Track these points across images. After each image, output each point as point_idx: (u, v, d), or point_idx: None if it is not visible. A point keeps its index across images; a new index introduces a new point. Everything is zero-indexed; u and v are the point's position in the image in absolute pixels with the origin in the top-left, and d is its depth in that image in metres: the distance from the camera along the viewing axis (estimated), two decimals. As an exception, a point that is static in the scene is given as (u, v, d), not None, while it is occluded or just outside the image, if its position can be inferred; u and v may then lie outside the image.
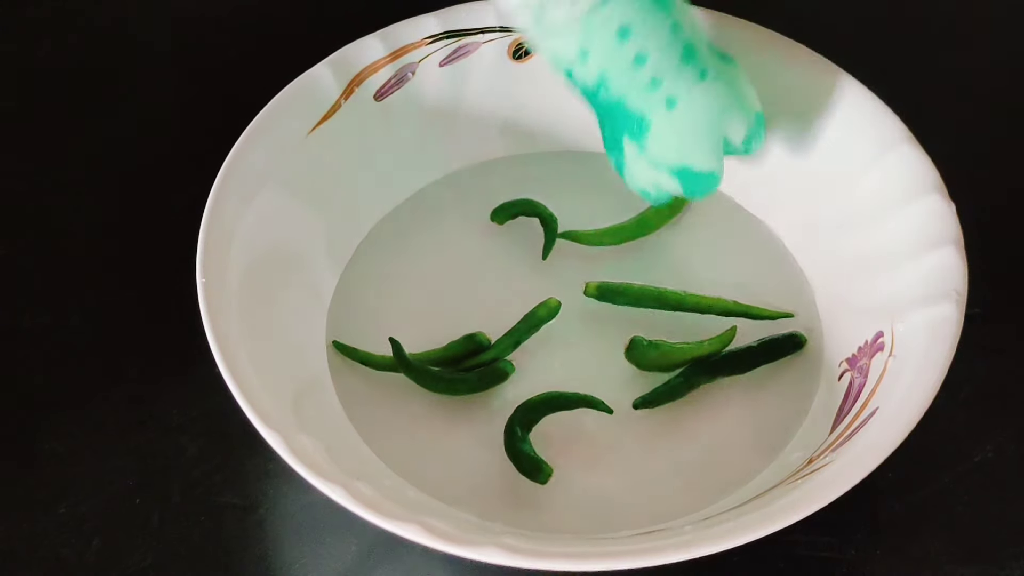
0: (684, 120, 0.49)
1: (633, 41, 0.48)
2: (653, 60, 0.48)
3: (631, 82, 0.49)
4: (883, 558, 0.50)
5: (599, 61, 0.48)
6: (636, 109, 0.49)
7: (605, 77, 0.49)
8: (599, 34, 0.48)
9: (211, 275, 0.49)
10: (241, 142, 0.52)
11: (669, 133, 0.49)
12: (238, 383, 0.45)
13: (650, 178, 0.51)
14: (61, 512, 0.50)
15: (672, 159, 0.50)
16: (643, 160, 0.51)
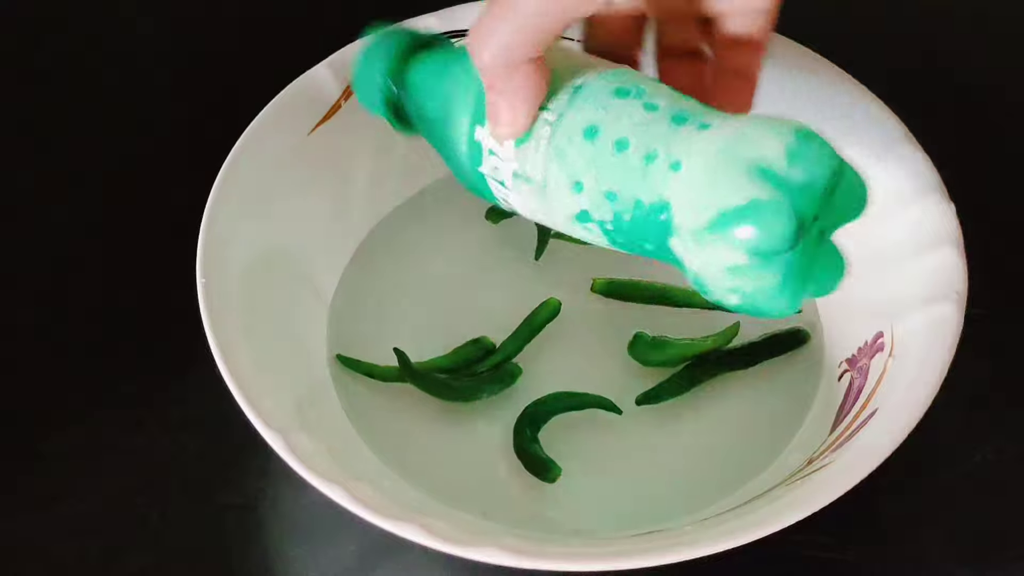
0: (696, 173, 0.40)
1: (604, 133, 0.41)
2: (634, 139, 0.41)
3: (630, 176, 0.41)
4: (883, 558, 0.50)
5: (591, 178, 0.41)
6: (651, 199, 0.40)
7: (610, 191, 0.41)
8: (571, 150, 0.42)
9: (211, 275, 0.49)
10: (241, 142, 0.52)
11: (688, 196, 0.40)
12: (238, 383, 0.45)
13: (711, 258, 0.39)
14: (61, 512, 0.50)
15: (704, 215, 0.39)
16: (688, 240, 0.40)
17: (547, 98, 0.42)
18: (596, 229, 0.43)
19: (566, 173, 0.42)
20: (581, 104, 0.42)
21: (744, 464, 0.50)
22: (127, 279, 0.57)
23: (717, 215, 0.39)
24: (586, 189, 0.42)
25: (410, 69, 0.47)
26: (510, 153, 0.43)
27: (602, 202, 0.42)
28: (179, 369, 0.53)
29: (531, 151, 0.43)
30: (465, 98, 0.44)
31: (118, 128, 0.63)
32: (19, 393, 0.54)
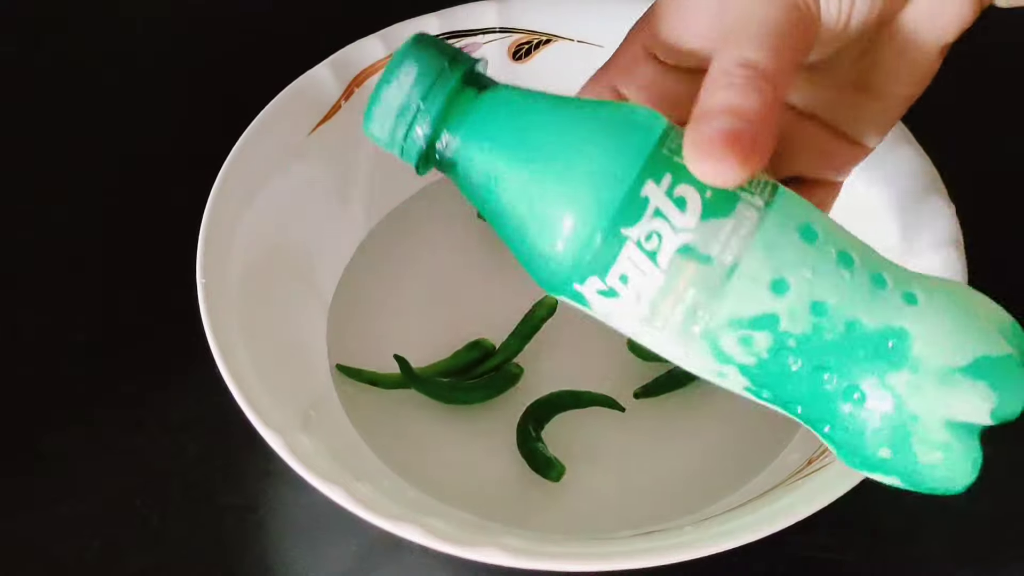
0: (943, 311, 0.37)
1: (823, 239, 0.36)
2: (857, 257, 0.37)
3: (852, 290, 0.36)
4: (883, 558, 0.50)
5: (805, 282, 0.36)
6: (877, 325, 0.36)
7: (819, 302, 0.36)
8: (786, 242, 0.36)
9: (211, 275, 0.49)
10: (241, 142, 0.52)
11: (938, 331, 0.36)
12: (238, 383, 0.46)
13: (947, 407, 0.37)
14: (61, 513, 0.50)
15: (967, 357, 0.36)
16: (934, 381, 0.36)
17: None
18: (749, 360, 0.36)
19: (771, 267, 0.35)
20: (785, 202, 0.36)
21: (744, 464, 0.50)
22: (127, 279, 0.57)
23: (974, 360, 0.36)
24: (791, 290, 0.35)
25: (477, 111, 0.37)
26: (692, 222, 0.35)
27: (804, 311, 0.35)
28: (179, 369, 0.53)
29: (726, 230, 0.35)
30: (629, 150, 0.35)
31: (118, 128, 0.63)
32: (19, 393, 0.54)
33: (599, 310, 0.37)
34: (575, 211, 0.35)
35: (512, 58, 0.58)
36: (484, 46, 0.57)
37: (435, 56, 0.37)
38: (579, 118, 0.36)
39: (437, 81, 0.36)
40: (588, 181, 0.35)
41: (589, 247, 0.35)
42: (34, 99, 0.64)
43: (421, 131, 0.37)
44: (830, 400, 0.37)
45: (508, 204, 0.37)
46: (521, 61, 0.58)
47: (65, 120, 0.64)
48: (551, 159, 0.36)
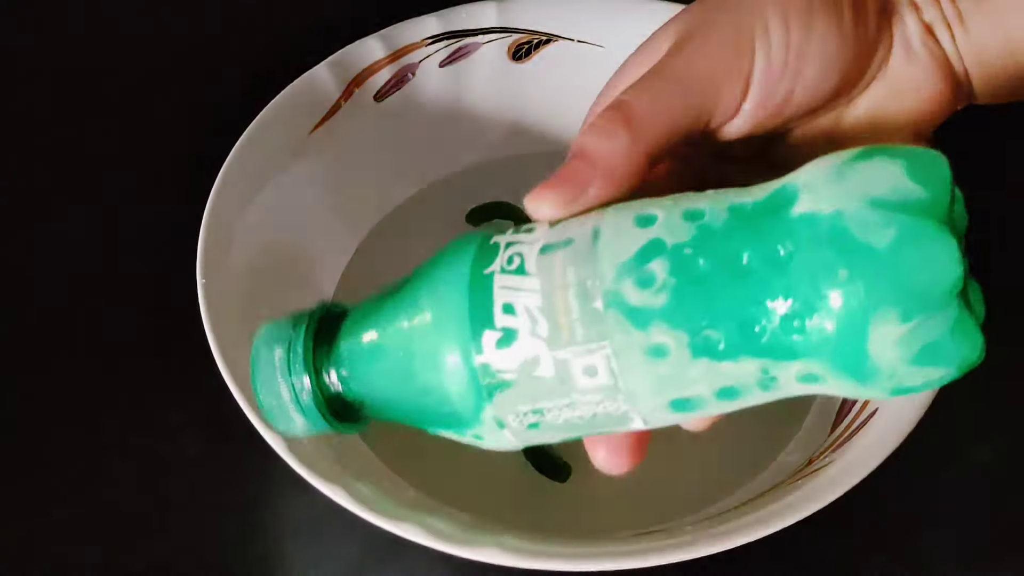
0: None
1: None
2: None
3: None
4: (883, 558, 0.50)
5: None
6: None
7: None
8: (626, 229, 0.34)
9: (211, 275, 0.49)
10: (241, 142, 0.52)
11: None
12: (238, 383, 0.45)
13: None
14: (61, 513, 0.50)
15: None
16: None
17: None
18: (662, 296, 0.33)
19: (629, 214, 0.35)
20: (616, 211, 0.35)
21: (744, 464, 0.50)
22: (127, 279, 0.57)
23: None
24: (659, 214, 0.34)
25: (340, 346, 0.37)
26: (542, 231, 0.36)
27: (680, 221, 0.34)
28: (179, 369, 0.53)
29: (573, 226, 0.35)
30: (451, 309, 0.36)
31: (119, 128, 0.63)
32: (19, 393, 0.54)
33: (522, 399, 0.35)
34: (447, 368, 0.35)
35: (512, 58, 0.58)
36: (484, 46, 0.57)
37: (282, 333, 0.38)
38: (404, 308, 0.38)
39: (290, 355, 0.37)
40: (440, 340, 0.35)
41: (477, 363, 0.35)
42: (34, 99, 0.65)
43: (307, 397, 0.37)
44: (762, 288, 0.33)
45: (401, 394, 0.36)
46: (521, 61, 0.58)
47: (65, 120, 0.64)
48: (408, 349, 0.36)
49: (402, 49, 0.56)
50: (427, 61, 0.57)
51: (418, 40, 0.57)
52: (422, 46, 0.57)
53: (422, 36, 0.57)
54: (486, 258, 0.36)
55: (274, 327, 0.38)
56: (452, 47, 0.57)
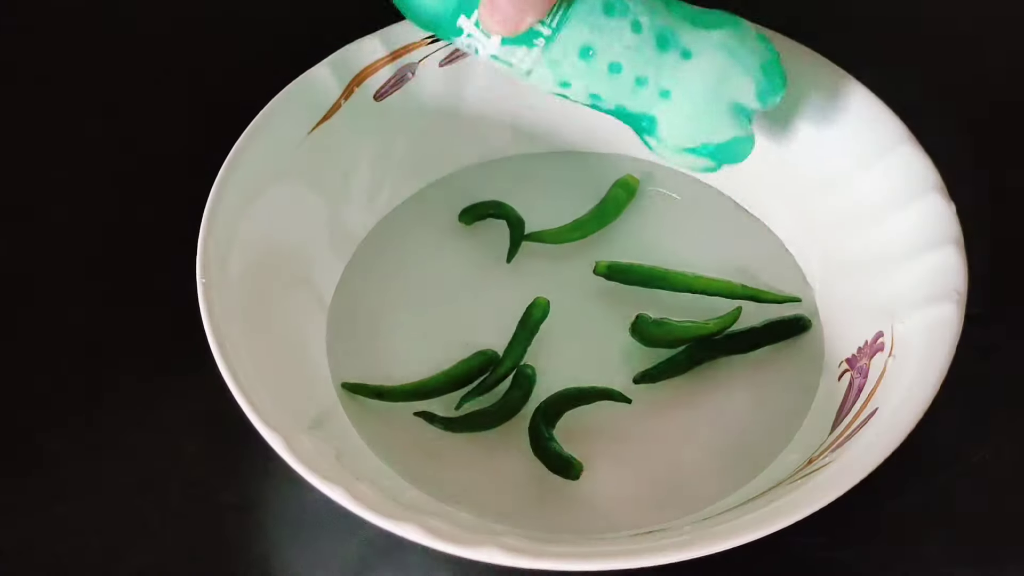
0: (684, 105, 0.49)
1: (599, 56, 0.48)
2: (627, 64, 0.49)
3: (619, 90, 0.49)
4: (883, 558, 0.50)
5: (580, 84, 0.49)
6: (637, 110, 0.50)
7: (594, 94, 0.50)
8: (565, 63, 0.48)
9: (211, 275, 0.49)
10: (241, 142, 0.52)
11: (676, 122, 0.50)
12: (238, 383, 0.45)
13: (683, 161, 0.51)
14: (60, 512, 0.50)
15: (690, 142, 0.50)
16: (668, 148, 0.51)
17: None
18: (577, 97, 0.50)
19: (555, 75, 0.49)
20: (576, 23, 0.47)
21: (744, 464, 0.50)
22: (127, 279, 0.57)
23: (700, 145, 0.50)
24: (573, 88, 0.49)
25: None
26: (495, 44, 0.48)
27: (586, 98, 0.50)
28: (179, 369, 0.53)
29: (521, 52, 0.48)
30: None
31: (119, 128, 0.63)
32: (19, 393, 0.54)
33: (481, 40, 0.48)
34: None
35: (512, 58, 0.58)
36: (484, 46, 0.57)
37: None
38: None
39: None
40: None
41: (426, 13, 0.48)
42: (34, 99, 0.64)
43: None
44: (623, 119, 0.50)
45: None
46: (521, 61, 0.58)
47: (64, 120, 0.63)
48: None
49: (402, 48, 0.56)
50: (427, 60, 0.57)
51: (418, 39, 0.56)
52: (422, 45, 0.57)
53: (422, 35, 0.56)
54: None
55: None
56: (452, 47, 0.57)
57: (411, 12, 0.49)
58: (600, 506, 0.50)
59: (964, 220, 0.50)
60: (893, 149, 0.53)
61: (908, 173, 0.52)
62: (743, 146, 0.51)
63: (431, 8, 0.48)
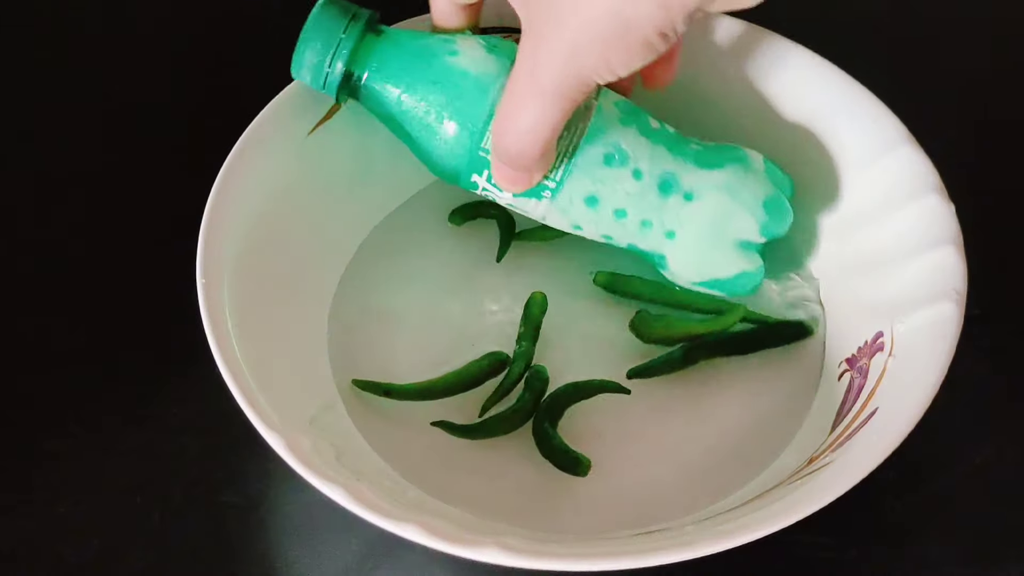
0: (689, 244, 0.51)
1: (604, 203, 0.50)
2: (631, 209, 0.50)
3: (627, 232, 0.51)
4: (883, 558, 0.50)
5: (591, 227, 0.51)
6: (647, 249, 0.52)
7: (605, 235, 0.52)
8: (573, 210, 0.50)
9: (211, 275, 0.49)
10: (241, 142, 0.52)
11: (683, 259, 0.52)
12: (238, 383, 0.45)
13: (698, 290, 0.53)
14: (61, 512, 0.50)
15: (698, 277, 0.52)
16: (680, 281, 0.53)
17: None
18: (591, 236, 0.52)
19: (567, 220, 0.51)
20: (578, 175, 0.49)
21: (744, 464, 0.50)
22: (127, 279, 0.57)
23: (710, 280, 0.52)
24: (585, 231, 0.52)
25: (377, 50, 0.50)
26: (508, 196, 0.50)
27: (599, 238, 0.52)
28: (179, 369, 0.53)
29: (532, 203, 0.51)
30: (470, 113, 0.49)
31: (118, 128, 0.63)
32: (19, 393, 0.54)
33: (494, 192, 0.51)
34: (431, 144, 0.50)
35: (512, 58, 0.58)
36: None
37: (343, 10, 0.50)
38: (436, 70, 0.49)
39: (348, 28, 0.49)
40: (440, 130, 0.50)
41: (443, 167, 0.51)
42: (34, 99, 0.64)
43: (340, 65, 0.50)
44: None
45: (406, 118, 0.50)
46: (521, 61, 0.58)
47: (64, 120, 0.64)
48: (415, 107, 0.50)
49: (402, 49, 0.56)
50: (427, 61, 0.57)
51: (418, 40, 0.56)
52: (422, 46, 0.57)
53: (422, 36, 0.56)
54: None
55: (338, 7, 0.50)
56: (452, 47, 0.57)
57: (432, 168, 0.51)
58: (601, 506, 0.50)
59: (964, 220, 0.50)
60: (893, 149, 0.53)
61: (908, 173, 0.52)
62: (751, 279, 0.52)
63: (449, 167, 0.50)
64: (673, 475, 0.51)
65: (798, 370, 0.53)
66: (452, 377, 0.52)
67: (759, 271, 0.52)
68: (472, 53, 0.50)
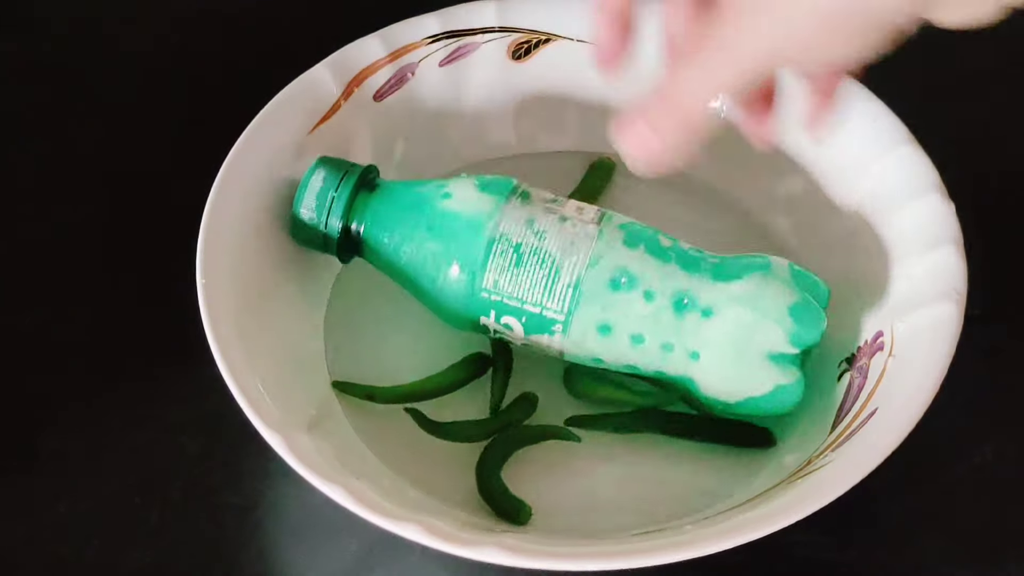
0: (715, 364, 0.48)
1: (617, 330, 0.48)
2: (648, 333, 0.48)
3: (649, 358, 0.49)
4: (883, 558, 0.50)
5: (611, 357, 0.49)
6: (674, 373, 0.49)
7: (628, 364, 0.50)
8: (588, 342, 0.49)
9: (211, 275, 0.49)
10: (241, 142, 0.52)
11: (712, 381, 0.49)
12: (238, 383, 0.45)
13: (740, 413, 0.50)
14: (61, 512, 0.50)
15: (731, 398, 0.49)
16: (715, 408, 0.50)
17: (547, 295, 0.48)
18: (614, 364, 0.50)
19: (584, 353, 0.50)
20: (586, 305, 0.48)
21: (744, 464, 0.50)
22: (128, 279, 0.57)
23: (745, 399, 0.49)
24: (606, 362, 0.50)
25: (372, 205, 0.51)
26: (519, 335, 0.50)
27: (624, 368, 0.50)
28: (179, 369, 0.53)
29: (545, 339, 0.50)
30: (466, 254, 0.49)
31: (118, 128, 0.63)
32: (19, 393, 0.54)
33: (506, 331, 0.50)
34: (436, 292, 0.50)
35: (512, 57, 0.58)
36: (484, 45, 0.57)
37: (335, 170, 0.51)
38: (430, 216, 0.50)
39: (340, 187, 0.51)
40: (441, 275, 0.50)
41: (449, 311, 0.50)
42: (35, 99, 0.64)
43: (337, 224, 0.51)
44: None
45: (409, 269, 0.51)
46: (520, 60, 0.58)
47: (65, 120, 0.64)
48: (413, 253, 0.50)
49: (402, 49, 0.56)
50: (427, 61, 0.57)
51: (418, 40, 0.57)
52: (422, 46, 0.57)
53: (422, 36, 0.57)
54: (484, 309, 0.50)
55: (332, 166, 0.51)
56: (452, 47, 0.57)
57: (444, 317, 0.51)
58: (600, 506, 0.50)
59: (964, 220, 0.50)
60: (893, 149, 0.53)
61: (908, 173, 0.52)
62: (789, 394, 0.49)
63: (458, 313, 0.50)
64: (672, 475, 0.50)
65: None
66: (436, 379, 0.52)
67: (798, 383, 0.48)
68: (464, 194, 0.50)
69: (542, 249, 0.48)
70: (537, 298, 0.48)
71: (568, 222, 0.49)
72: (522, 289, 0.49)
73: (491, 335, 0.51)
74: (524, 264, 0.48)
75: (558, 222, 0.49)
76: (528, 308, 0.49)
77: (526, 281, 0.48)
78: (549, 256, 0.48)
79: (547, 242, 0.48)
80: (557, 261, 0.48)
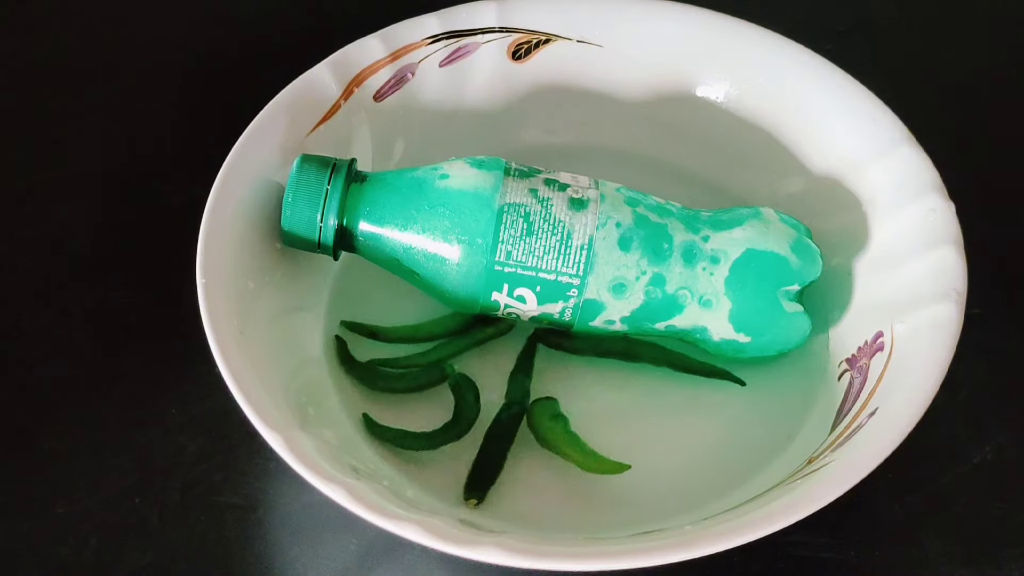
0: (727, 307, 0.50)
1: (632, 286, 0.50)
2: (662, 286, 0.50)
3: (663, 313, 0.50)
4: (883, 558, 0.50)
5: (626, 320, 0.51)
6: (687, 326, 0.51)
7: (643, 325, 0.51)
8: (603, 302, 0.50)
9: (211, 275, 0.49)
10: (241, 142, 0.52)
11: (724, 326, 0.51)
12: (238, 383, 0.45)
13: (747, 360, 0.52)
14: (60, 512, 0.50)
15: (744, 339, 0.51)
16: (727, 352, 0.52)
17: (561, 260, 0.49)
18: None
19: (599, 319, 0.50)
20: (600, 265, 0.49)
21: (744, 464, 0.50)
22: (127, 279, 0.57)
23: (757, 339, 0.51)
24: (617, 326, 0.51)
25: (365, 195, 0.50)
26: (532, 308, 0.50)
27: (638, 331, 0.51)
28: (179, 369, 0.53)
29: (559, 305, 0.50)
30: (477, 228, 0.49)
31: (118, 128, 0.63)
32: (19, 392, 0.54)
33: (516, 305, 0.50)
34: (441, 275, 0.50)
35: (512, 58, 0.58)
36: (484, 46, 0.57)
37: (322, 166, 0.50)
38: (428, 199, 0.50)
39: (332, 181, 0.50)
40: (449, 256, 0.49)
41: (480, 280, 0.49)
42: (34, 99, 0.64)
43: (332, 219, 0.50)
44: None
45: (410, 255, 0.50)
46: (520, 61, 0.58)
47: (65, 119, 0.64)
48: (416, 239, 0.50)
49: (402, 49, 0.56)
50: (427, 61, 0.57)
51: (418, 40, 0.57)
52: (422, 46, 0.57)
53: (422, 36, 0.57)
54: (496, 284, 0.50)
55: (317, 163, 0.50)
56: (452, 47, 0.57)
57: (448, 301, 0.51)
58: (600, 506, 0.50)
59: (964, 220, 0.50)
60: (893, 149, 0.53)
61: (908, 173, 0.52)
62: (800, 327, 0.51)
63: (466, 294, 0.50)
64: (672, 475, 0.50)
65: (798, 371, 0.53)
66: (437, 323, 0.53)
67: (807, 316, 0.51)
68: (462, 172, 0.50)
69: (551, 215, 0.49)
70: (551, 264, 0.49)
71: (569, 188, 0.50)
72: (535, 257, 0.49)
73: (501, 312, 0.51)
74: (535, 232, 0.49)
75: (559, 189, 0.50)
76: (543, 276, 0.49)
77: (539, 248, 0.49)
78: (559, 221, 0.49)
79: (554, 208, 0.49)
80: (567, 225, 0.49)
